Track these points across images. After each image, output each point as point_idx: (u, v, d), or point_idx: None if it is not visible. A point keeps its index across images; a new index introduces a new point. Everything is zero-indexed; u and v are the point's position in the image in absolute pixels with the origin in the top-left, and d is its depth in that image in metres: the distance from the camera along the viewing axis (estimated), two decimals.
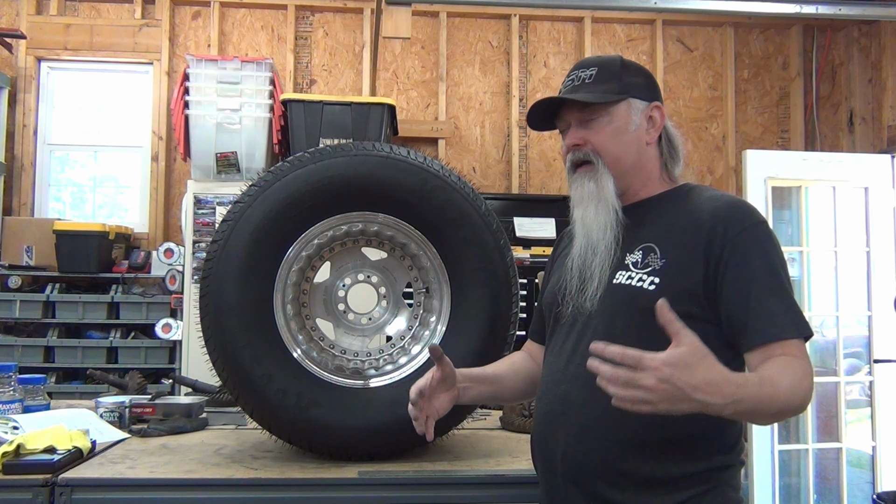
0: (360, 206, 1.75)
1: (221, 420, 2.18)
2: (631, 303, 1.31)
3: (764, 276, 1.26)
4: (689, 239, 1.30)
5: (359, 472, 1.62)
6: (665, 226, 1.35)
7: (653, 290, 1.28)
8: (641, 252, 1.34)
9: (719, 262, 1.27)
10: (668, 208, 1.39)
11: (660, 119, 1.42)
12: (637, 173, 1.42)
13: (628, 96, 1.40)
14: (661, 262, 1.30)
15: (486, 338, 1.76)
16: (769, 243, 1.29)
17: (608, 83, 1.40)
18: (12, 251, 4.32)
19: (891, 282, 4.10)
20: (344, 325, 1.88)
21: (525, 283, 3.58)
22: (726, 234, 1.27)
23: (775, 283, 1.26)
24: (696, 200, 1.36)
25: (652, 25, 5.02)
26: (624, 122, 1.40)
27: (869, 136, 4.60)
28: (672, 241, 1.32)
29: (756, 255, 1.27)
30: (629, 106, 1.40)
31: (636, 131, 1.41)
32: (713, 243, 1.27)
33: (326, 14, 4.91)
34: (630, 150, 1.41)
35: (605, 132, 1.40)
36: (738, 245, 1.27)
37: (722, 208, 1.31)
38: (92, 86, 4.87)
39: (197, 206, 3.96)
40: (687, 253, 1.29)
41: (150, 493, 1.56)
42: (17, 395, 1.93)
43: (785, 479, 4.01)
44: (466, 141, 4.93)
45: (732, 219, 1.29)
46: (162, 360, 4.18)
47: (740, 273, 1.26)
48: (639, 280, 1.31)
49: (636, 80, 1.42)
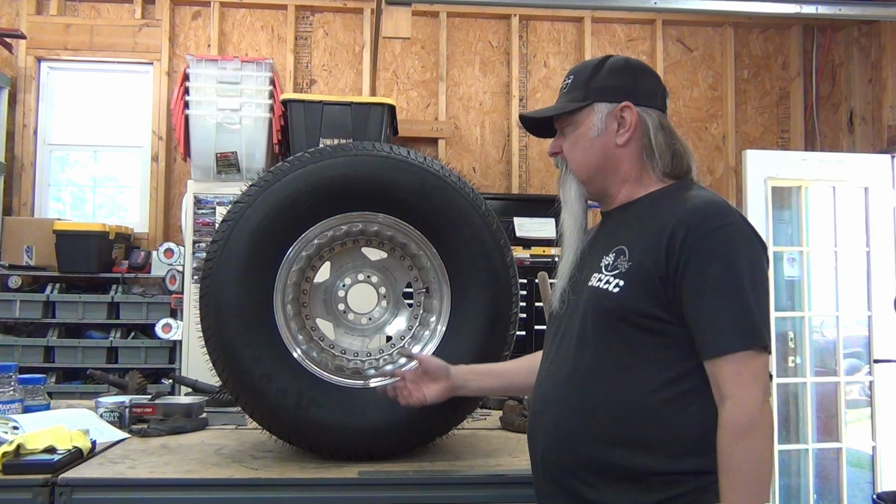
0: (360, 206, 1.75)
1: (221, 420, 2.18)
2: (597, 305, 1.32)
3: (718, 284, 1.23)
4: (654, 242, 1.29)
5: (359, 472, 1.62)
6: (638, 228, 1.35)
7: (616, 293, 1.30)
8: (614, 254, 1.35)
9: (678, 267, 1.26)
10: (647, 210, 1.38)
11: (631, 118, 1.39)
12: (608, 176, 1.42)
13: (592, 101, 1.40)
14: (628, 264, 1.31)
15: (486, 338, 1.76)
16: (731, 247, 1.25)
17: (575, 91, 1.43)
18: (12, 251, 4.31)
19: (891, 282, 4.10)
20: (344, 325, 1.88)
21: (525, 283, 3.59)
22: (685, 240, 1.25)
23: (729, 290, 1.23)
24: (671, 202, 1.34)
25: (652, 25, 5.02)
26: (585, 128, 1.41)
27: (869, 136, 4.60)
28: (640, 243, 1.32)
29: (713, 262, 1.24)
30: (591, 111, 1.41)
31: (600, 136, 1.40)
32: (673, 248, 1.26)
33: (326, 14, 4.91)
34: (592, 155, 1.41)
35: (570, 140, 1.45)
36: (696, 251, 1.25)
37: (688, 211, 1.29)
38: (92, 86, 4.87)
39: (197, 206, 3.96)
40: (649, 255, 1.29)
41: (150, 493, 1.56)
42: (17, 395, 1.93)
43: (785, 479, 4.01)
44: (466, 141, 4.92)
45: (694, 223, 1.26)
46: (162, 360, 4.18)
47: (695, 280, 1.24)
48: (606, 282, 1.32)
49: (606, 84, 1.41)
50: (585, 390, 1.31)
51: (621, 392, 1.28)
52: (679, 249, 1.25)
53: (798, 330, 4.07)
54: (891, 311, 3.85)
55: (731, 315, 1.22)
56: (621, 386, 1.29)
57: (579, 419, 1.31)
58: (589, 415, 1.30)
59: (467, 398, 1.74)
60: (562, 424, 1.33)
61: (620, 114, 1.40)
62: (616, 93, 1.40)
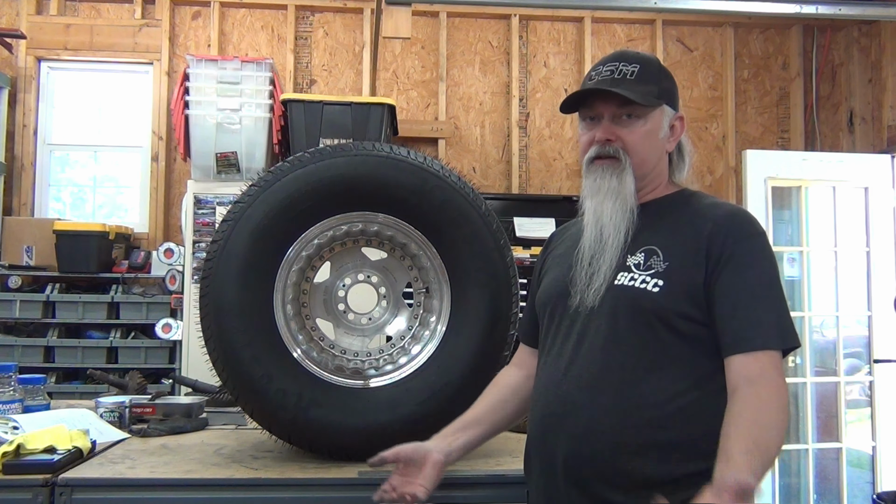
0: (360, 206, 1.75)
1: (221, 420, 2.18)
2: (633, 304, 1.31)
3: (756, 286, 1.29)
4: (692, 244, 1.32)
5: (359, 472, 1.62)
6: (667, 230, 1.37)
7: (657, 292, 1.30)
8: (643, 254, 1.34)
9: (716, 267, 1.29)
10: (669, 213, 1.40)
11: (680, 129, 1.46)
12: (653, 178, 1.44)
13: (663, 102, 1.42)
14: (665, 264, 1.32)
15: (486, 338, 1.76)
16: (765, 255, 1.32)
17: (649, 84, 1.40)
18: (12, 251, 4.32)
19: (891, 282, 4.10)
20: (344, 325, 1.88)
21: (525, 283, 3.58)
22: (725, 242, 1.30)
23: (767, 293, 1.29)
24: (698, 206, 1.39)
25: (652, 25, 5.02)
26: (657, 127, 1.42)
27: (869, 136, 4.60)
28: (675, 244, 1.33)
29: (751, 265, 1.30)
30: (663, 112, 1.43)
31: (663, 138, 1.43)
32: (713, 249, 1.30)
33: (326, 14, 4.91)
34: (655, 155, 1.43)
35: (638, 133, 1.40)
36: (736, 253, 1.29)
37: (725, 216, 1.34)
38: (92, 86, 4.87)
39: (197, 206, 3.96)
40: (689, 257, 1.31)
41: (150, 493, 1.56)
42: (17, 395, 1.93)
43: (785, 479, 4.01)
44: (466, 141, 4.92)
45: (734, 227, 1.32)
46: (162, 360, 4.18)
47: (733, 280, 1.28)
48: (642, 282, 1.31)
49: (670, 87, 1.45)
50: (619, 391, 1.29)
51: (656, 393, 1.28)
52: (719, 250, 1.30)
53: (798, 330, 4.06)
54: (891, 311, 3.85)
55: (772, 316, 1.27)
56: (656, 386, 1.28)
57: (613, 422, 1.28)
58: (624, 416, 1.28)
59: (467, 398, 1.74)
60: (593, 428, 1.29)
61: (674, 122, 1.45)
62: (675, 100, 1.46)
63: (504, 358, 1.78)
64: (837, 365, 4.06)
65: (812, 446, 3.95)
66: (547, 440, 1.36)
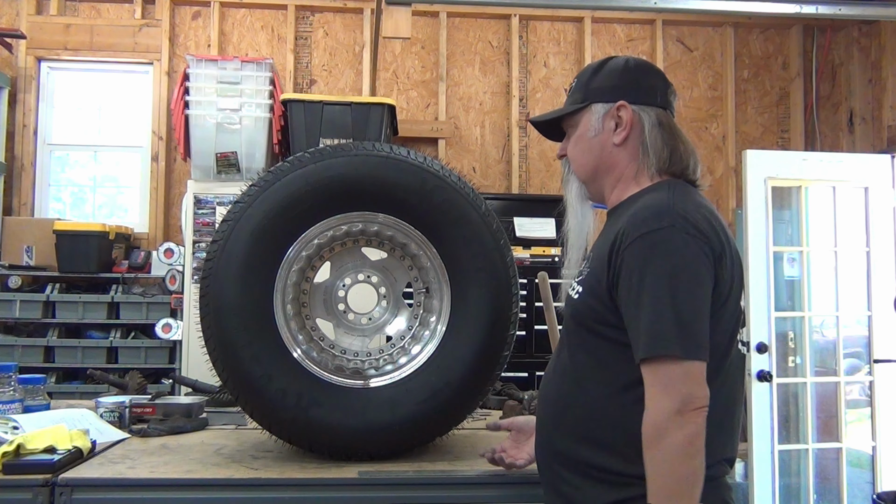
0: (360, 206, 1.75)
1: (221, 420, 2.18)
2: (565, 310, 1.40)
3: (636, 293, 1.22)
4: (604, 249, 1.30)
5: (359, 472, 1.62)
6: (605, 234, 1.37)
7: (576, 299, 1.35)
8: (587, 261, 1.39)
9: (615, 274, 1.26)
10: (621, 213, 1.36)
11: (627, 117, 1.38)
12: (605, 176, 1.43)
13: (590, 102, 1.42)
14: (587, 271, 1.35)
15: (486, 338, 1.76)
16: (652, 254, 1.21)
17: (576, 94, 1.46)
18: (12, 251, 4.32)
19: (891, 282, 4.10)
20: (344, 325, 1.88)
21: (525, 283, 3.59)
22: (621, 246, 1.26)
23: (643, 297, 1.20)
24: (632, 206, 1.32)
25: (652, 25, 5.02)
26: (584, 129, 1.44)
27: (869, 136, 4.60)
28: (596, 249, 1.36)
29: (632, 270, 1.23)
30: (589, 112, 1.43)
31: (598, 136, 1.42)
32: (613, 257, 1.27)
33: (326, 14, 4.91)
34: (591, 155, 1.43)
35: (572, 141, 1.47)
36: (624, 259, 1.24)
37: (628, 217, 1.28)
38: (92, 86, 4.87)
39: (197, 206, 3.96)
40: (599, 261, 1.31)
41: (150, 493, 1.56)
42: (17, 395, 1.93)
43: (785, 479, 4.00)
44: (466, 141, 4.93)
45: (627, 230, 1.25)
46: (162, 360, 4.18)
47: (622, 291, 1.25)
48: (572, 288, 1.38)
49: (603, 84, 1.42)
50: (560, 389, 1.37)
51: (584, 393, 1.33)
52: (615, 258, 1.26)
53: (798, 330, 4.06)
54: (891, 311, 3.85)
55: (644, 323, 1.20)
56: (584, 387, 1.33)
57: (555, 414, 1.37)
58: (561, 411, 1.36)
59: (467, 398, 1.74)
60: (544, 419, 1.41)
61: (617, 113, 1.40)
62: (612, 92, 1.41)
63: (504, 358, 1.79)
64: (837, 365, 4.06)
65: (812, 446, 3.94)
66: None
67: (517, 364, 3.72)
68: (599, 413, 1.30)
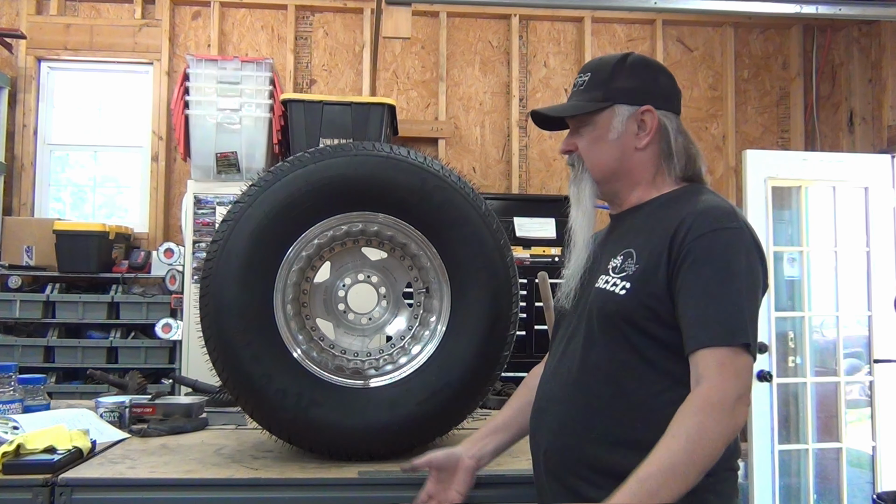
0: (360, 206, 1.75)
1: (221, 420, 2.18)
2: (602, 307, 1.33)
3: (709, 282, 1.23)
4: (660, 243, 1.30)
5: (359, 472, 1.62)
6: (646, 231, 1.36)
7: (623, 296, 1.30)
8: (622, 257, 1.35)
9: (675, 266, 1.27)
10: (654, 213, 1.38)
11: (652, 123, 1.39)
12: (621, 179, 1.42)
13: (613, 103, 1.40)
14: (636, 267, 1.32)
15: (486, 338, 1.76)
16: (728, 249, 1.25)
17: (594, 91, 1.41)
18: (12, 251, 4.32)
19: (891, 282, 4.10)
20: (344, 325, 1.88)
21: (525, 283, 3.58)
22: (685, 240, 1.26)
23: (720, 289, 1.23)
24: (681, 205, 1.35)
25: (652, 25, 5.02)
26: (604, 130, 1.40)
27: (869, 136, 4.60)
28: (646, 246, 1.33)
29: (706, 261, 1.24)
30: (612, 113, 1.40)
31: (619, 139, 1.40)
32: (674, 248, 1.27)
33: (326, 14, 4.91)
34: (610, 157, 1.41)
35: (587, 139, 1.43)
36: (692, 250, 1.25)
37: (691, 214, 1.29)
38: (92, 86, 4.87)
39: (197, 206, 3.96)
40: (654, 258, 1.30)
41: (150, 493, 1.56)
42: (17, 395, 1.93)
43: (785, 479, 4.00)
44: (466, 141, 4.92)
45: (695, 225, 1.27)
46: (162, 360, 4.18)
47: (687, 278, 1.25)
48: (612, 285, 1.33)
49: (626, 85, 1.40)
50: (591, 390, 1.32)
51: (625, 393, 1.29)
52: (678, 249, 1.26)
53: (798, 330, 4.06)
54: (891, 311, 3.85)
55: (721, 312, 1.22)
56: (625, 387, 1.29)
57: (584, 418, 1.31)
58: (593, 414, 1.31)
59: (467, 398, 1.74)
60: (566, 423, 1.34)
61: (641, 117, 1.40)
62: (638, 95, 1.40)
63: (504, 358, 1.79)
64: (837, 365, 4.06)
65: (812, 446, 3.95)
66: (534, 434, 1.43)
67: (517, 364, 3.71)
68: (642, 414, 1.27)
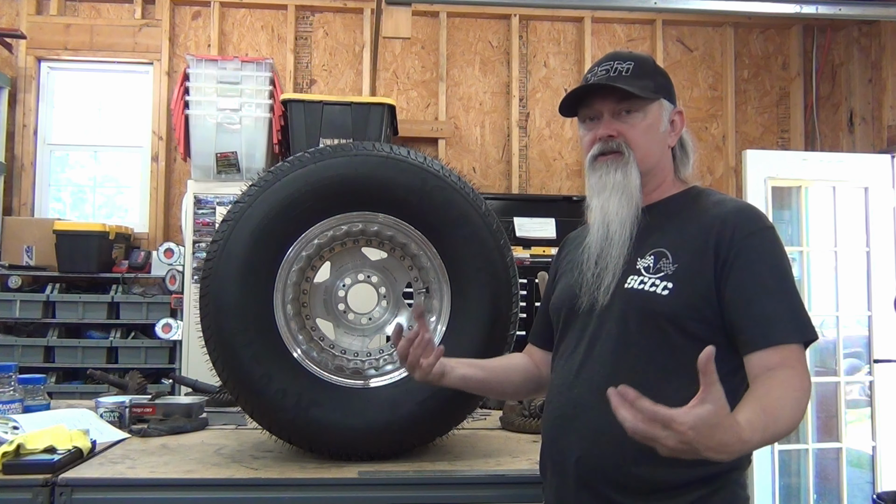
0: (360, 206, 1.75)
1: (221, 420, 2.18)
2: (643, 308, 1.30)
3: (767, 280, 1.26)
4: (700, 243, 1.30)
5: (359, 472, 1.62)
6: (675, 231, 1.35)
7: (666, 296, 1.28)
8: (653, 257, 1.33)
9: (724, 265, 1.27)
10: (677, 212, 1.39)
11: (680, 124, 1.46)
12: (656, 173, 1.44)
13: (661, 97, 1.42)
14: (674, 266, 1.30)
15: (486, 338, 1.76)
16: (775, 248, 1.30)
17: (645, 80, 1.40)
18: (12, 251, 4.32)
19: (891, 282, 4.10)
20: (344, 325, 1.88)
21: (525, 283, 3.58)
22: (733, 238, 1.28)
23: (779, 286, 1.26)
24: (705, 205, 1.38)
25: (652, 25, 5.02)
26: (656, 121, 1.42)
27: (869, 136, 4.60)
28: (683, 246, 1.32)
29: (761, 260, 1.27)
30: (661, 107, 1.42)
31: (663, 133, 1.43)
32: (721, 247, 1.28)
33: (326, 14, 4.91)
34: (657, 149, 1.43)
35: (639, 127, 1.40)
36: (744, 249, 1.27)
37: (731, 213, 1.32)
38: (92, 86, 4.87)
39: (197, 206, 3.96)
40: (697, 257, 1.30)
41: (150, 493, 1.56)
42: (17, 395, 1.93)
43: (785, 479, 4.01)
44: (466, 141, 4.92)
45: (740, 223, 1.30)
46: (162, 360, 4.18)
47: (743, 276, 1.26)
48: (651, 285, 1.30)
49: (665, 83, 1.45)
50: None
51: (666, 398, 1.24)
52: (727, 247, 1.28)
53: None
54: (891, 311, 3.85)
55: (786, 308, 1.25)
56: (665, 392, 1.23)
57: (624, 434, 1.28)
58: None
59: (467, 397, 1.74)
60: (604, 430, 1.26)
61: (673, 117, 1.45)
62: (672, 95, 1.46)
63: None
64: (837, 365, 4.06)
65: (812, 446, 3.95)
66: (558, 442, 1.37)
67: None
68: None
